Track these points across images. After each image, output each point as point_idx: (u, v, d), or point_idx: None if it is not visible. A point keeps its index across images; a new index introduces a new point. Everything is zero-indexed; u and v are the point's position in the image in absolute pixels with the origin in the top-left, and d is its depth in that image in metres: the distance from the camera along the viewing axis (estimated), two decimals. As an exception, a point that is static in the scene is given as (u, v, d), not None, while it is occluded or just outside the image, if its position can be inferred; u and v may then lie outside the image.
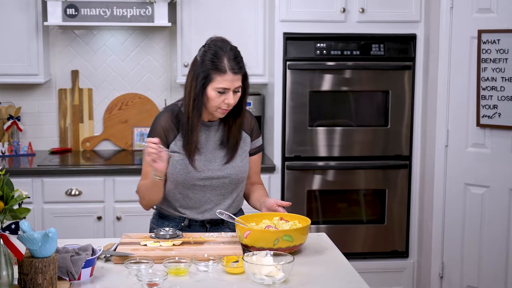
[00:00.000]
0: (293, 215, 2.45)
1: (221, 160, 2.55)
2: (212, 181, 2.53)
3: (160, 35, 4.46)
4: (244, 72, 2.47)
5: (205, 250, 2.28)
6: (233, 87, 2.42)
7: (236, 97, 2.45)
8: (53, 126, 4.46)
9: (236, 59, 2.43)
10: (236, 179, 2.58)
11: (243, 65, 2.45)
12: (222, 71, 2.40)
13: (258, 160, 2.71)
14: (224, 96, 2.43)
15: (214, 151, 2.55)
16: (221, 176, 2.54)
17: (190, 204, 2.57)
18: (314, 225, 4.11)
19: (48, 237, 1.87)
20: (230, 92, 2.42)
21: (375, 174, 4.14)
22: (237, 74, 2.42)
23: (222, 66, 2.40)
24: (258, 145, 2.68)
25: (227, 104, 2.43)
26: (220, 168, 2.54)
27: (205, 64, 2.43)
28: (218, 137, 2.56)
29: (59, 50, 4.41)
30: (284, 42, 4.00)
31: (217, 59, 2.41)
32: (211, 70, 2.41)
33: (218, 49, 2.44)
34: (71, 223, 3.91)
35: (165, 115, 2.57)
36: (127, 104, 4.49)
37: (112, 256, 2.22)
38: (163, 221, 2.65)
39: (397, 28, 4.05)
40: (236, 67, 2.42)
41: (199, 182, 2.52)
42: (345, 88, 4.07)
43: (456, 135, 3.90)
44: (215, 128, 2.56)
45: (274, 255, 2.11)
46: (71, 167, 4.00)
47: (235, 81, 2.42)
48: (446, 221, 3.99)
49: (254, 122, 2.66)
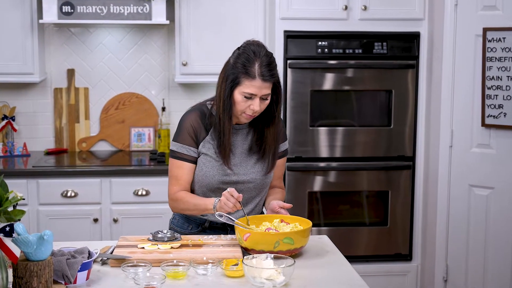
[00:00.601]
0: (294, 217, 2.45)
1: (248, 165, 2.55)
2: (237, 185, 2.53)
3: (158, 33, 4.46)
4: (276, 80, 2.44)
5: (204, 253, 2.28)
6: (261, 94, 2.40)
7: (264, 104, 2.43)
8: (48, 126, 4.46)
9: (269, 66, 2.40)
10: (261, 185, 2.58)
11: (275, 73, 2.42)
12: (251, 76, 2.39)
13: (282, 165, 2.70)
14: (251, 101, 2.41)
15: (241, 155, 2.55)
16: (246, 180, 2.55)
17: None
18: (316, 228, 4.10)
19: (43, 240, 1.87)
20: (257, 98, 2.40)
21: (377, 175, 4.14)
22: (266, 81, 2.40)
23: (252, 71, 2.39)
24: (283, 150, 2.66)
25: (252, 110, 2.42)
26: (246, 173, 2.54)
27: (236, 67, 2.42)
28: (247, 142, 2.55)
29: (55, 49, 4.41)
30: (285, 40, 4.00)
31: (249, 63, 2.40)
32: (241, 73, 2.41)
33: (252, 53, 2.42)
34: (67, 225, 3.91)
35: (193, 114, 2.55)
36: (124, 104, 4.48)
37: (109, 259, 2.22)
38: (184, 222, 2.65)
39: (400, 26, 4.05)
40: (267, 74, 2.39)
41: (224, 185, 2.52)
42: (347, 87, 4.07)
43: (460, 135, 3.90)
44: (243, 132, 2.56)
45: (274, 258, 2.11)
46: (67, 168, 4.00)
47: (264, 88, 2.40)
48: (451, 223, 3.99)
49: (281, 126, 2.64)
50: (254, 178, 2.55)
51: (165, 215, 4.00)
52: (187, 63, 4.16)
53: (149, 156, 4.25)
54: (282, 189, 2.73)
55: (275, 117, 2.52)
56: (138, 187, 3.97)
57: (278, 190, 2.70)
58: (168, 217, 3.99)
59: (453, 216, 3.97)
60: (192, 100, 4.46)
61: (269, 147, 2.54)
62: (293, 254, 2.28)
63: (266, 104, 2.45)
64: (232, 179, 2.53)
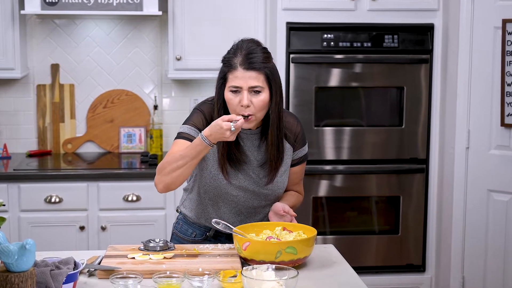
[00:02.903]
0: (297, 224, 2.45)
1: (259, 175, 2.53)
2: (247, 193, 2.53)
3: (150, 25, 4.47)
4: (262, 71, 2.40)
5: (199, 263, 2.28)
6: (247, 85, 2.38)
7: (257, 99, 2.40)
8: (30, 126, 4.46)
9: (251, 55, 2.40)
10: (273, 195, 2.58)
11: (257, 62, 2.39)
12: (233, 68, 2.40)
13: (300, 171, 2.68)
14: (240, 96, 2.40)
15: (253, 163, 2.53)
16: (257, 191, 2.54)
17: (219, 214, 2.56)
18: (321, 236, 4.11)
19: (25, 249, 1.87)
20: (244, 91, 2.39)
21: (388, 179, 4.14)
22: (249, 70, 2.38)
23: (234, 63, 2.40)
24: (301, 155, 2.64)
25: (241, 105, 2.39)
26: (257, 183, 2.53)
27: (223, 64, 2.45)
28: (261, 151, 2.53)
29: (38, 42, 4.42)
30: (287, 33, 4.00)
31: (231, 56, 2.42)
32: (225, 69, 2.43)
33: (235, 46, 2.44)
34: (50, 234, 3.91)
35: (206, 105, 2.53)
36: (113, 102, 4.49)
37: (97, 270, 2.22)
38: (188, 228, 2.64)
39: (412, 17, 4.05)
40: (248, 62, 2.38)
41: (233, 191, 2.52)
42: (355, 84, 4.08)
43: (478, 136, 3.90)
44: (253, 138, 2.53)
45: (276, 269, 2.11)
46: (51, 171, 4.00)
47: (249, 79, 2.39)
48: (467, 232, 3.99)
49: (300, 129, 2.61)
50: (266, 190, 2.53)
51: (158, 222, 4.00)
52: (181, 58, 4.17)
53: (140, 159, 4.25)
54: (299, 194, 2.72)
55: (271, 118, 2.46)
56: (128, 192, 3.98)
57: (293, 193, 2.68)
58: (161, 224, 4.01)
59: (470, 224, 3.97)
60: (186, 98, 4.47)
61: (270, 157, 2.50)
62: (296, 265, 2.28)
63: (261, 100, 2.40)
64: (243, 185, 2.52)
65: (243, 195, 2.53)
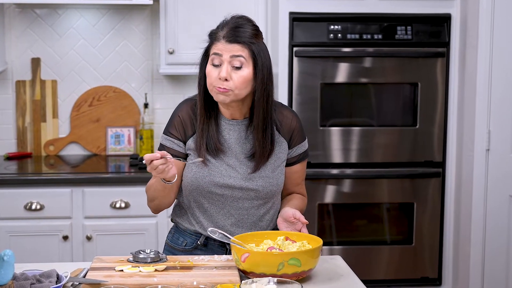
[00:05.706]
0: (301, 234, 2.46)
1: (248, 168, 2.55)
2: (234, 191, 2.54)
3: (140, 15, 4.47)
4: (246, 45, 2.43)
5: (194, 276, 2.28)
6: (228, 54, 2.42)
7: (237, 75, 2.42)
8: (9, 126, 4.46)
9: (236, 29, 2.44)
10: (264, 193, 2.56)
11: (243, 36, 2.43)
12: (216, 40, 2.45)
13: (302, 170, 2.68)
14: (219, 69, 2.44)
15: (239, 156, 2.56)
16: (244, 187, 2.54)
17: (207, 218, 2.57)
18: (327, 246, 4.11)
19: (3, 261, 1.87)
20: (224, 64, 2.42)
21: (401, 185, 4.15)
22: (231, 43, 2.42)
23: (218, 35, 2.45)
24: (300, 152, 2.64)
25: (219, 78, 2.42)
26: (245, 177, 2.54)
27: (208, 38, 2.51)
28: (249, 142, 2.56)
29: (17, 34, 4.42)
30: (290, 23, 4.01)
31: (217, 29, 2.48)
32: (209, 43, 2.49)
33: (224, 20, 2.49)
34: (31, 244, 3.92)
35: (185, 105, 2.61)
36: (99, 99, 4.49)
37: (81, 284, 2.22)
38: (179, 236, 2.65)
39: (427, 7, 4.06)
40: (232, 35, 2.42)
41: (216, 189, 2.53)
42: (364, 79, 4.08)
43: (499, 137, 3.91)
44: (241, 129, 2.55)
45: (278, 283, 2.11)
46: (31, 175, 4.01)
47: (231, 51, 2.42)
48: (487, 241, 3.99)
49: (296, 123, 2.61)
50: (255, 185, 2.54)
51: (148, 231, 4.01)
52: (174, 51, 4.17)
53: (129, 162, 4.26)
54: (303, 195, 2.73)
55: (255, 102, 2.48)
56: (116, 198, 3.98)
57: (297, 196, 2.69)
58: (152, 234, 4.02)
59: (491, 232, 3.98)
60: (180, 95, 4.47)
61: (258, 143, 2.51)
62: (300, 278, 2.28)
63: (242, 76, 2.42)
64: (227, 182, 2.53)
65: (230, 194, 2.53)
